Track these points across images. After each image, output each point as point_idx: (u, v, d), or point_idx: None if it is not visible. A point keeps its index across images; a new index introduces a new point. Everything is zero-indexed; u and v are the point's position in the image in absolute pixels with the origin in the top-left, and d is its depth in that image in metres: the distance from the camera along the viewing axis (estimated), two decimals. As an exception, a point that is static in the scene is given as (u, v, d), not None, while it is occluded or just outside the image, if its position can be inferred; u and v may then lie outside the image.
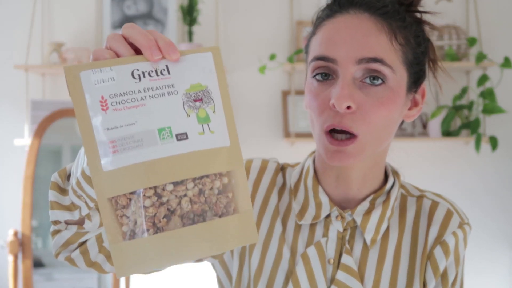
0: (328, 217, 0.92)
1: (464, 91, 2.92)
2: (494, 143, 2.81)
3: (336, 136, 0.84)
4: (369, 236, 0.90)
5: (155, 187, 0.57)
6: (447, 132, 2.95)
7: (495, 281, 3.03)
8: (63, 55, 2.88)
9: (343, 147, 0.83)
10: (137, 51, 0.62)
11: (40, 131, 2.75)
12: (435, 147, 3.06)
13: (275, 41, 3.04)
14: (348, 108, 0.82)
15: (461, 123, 2.98)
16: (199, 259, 0.93)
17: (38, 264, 2.81)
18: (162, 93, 0.60)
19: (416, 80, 0.89)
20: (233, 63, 3.04)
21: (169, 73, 0.60)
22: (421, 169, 2.99)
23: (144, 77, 0.59)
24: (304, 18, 3.03)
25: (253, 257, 0.93)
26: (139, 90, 0.59)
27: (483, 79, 2.84)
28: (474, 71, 3.01)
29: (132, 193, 0.57)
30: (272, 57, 2.88)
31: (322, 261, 0.90)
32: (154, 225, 0.57)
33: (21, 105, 2.97)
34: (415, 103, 0.91)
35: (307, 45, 0.91)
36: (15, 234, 2.64)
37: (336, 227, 0.91)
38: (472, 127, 2.85)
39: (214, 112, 0.61)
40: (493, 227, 3.04)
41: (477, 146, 2.80)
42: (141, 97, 0.59)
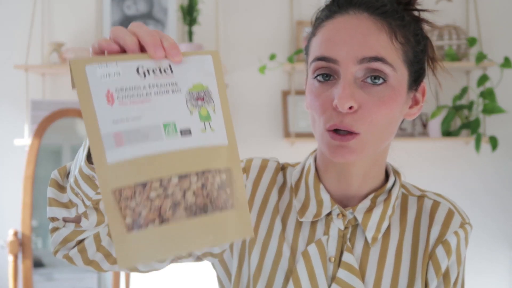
0: (329, 215, 0.92)
1: (464, 91, 2.92)
2: (494, 143, 2.80)
3: (338, 132, 0.84)
4: (370, 234, 0.90)
5: (160, 179, 0.59)
6: (447, 132, 2.95)
7: (495, 281, 3.03)
8: (63, 55, 2.88)
9: (344, 142, 0.83)
10: (141, 49, 0.62)
11: (40, 131, 2.75)
12: (435, 147, 3.06)
13: (275, 41, 3.04)
14: (350, 108, 0.82)
15: (461, 123, 2.98)
16: (198, 259, 0.94)
17: (38, 264, 2.81)
18: (166, 90, 0.61)
19: (416, 78, 0.89)
20: (233, 63, 3.04)
21: (172, 72, 0.62)
22: (421, 169, 2.99)
23: (148, 74, 0.61)
24: (304, 18, 3.03)
25: (253, 256, 0.93)
26: (144, 86, 0.60)
27: (483, 79, 2.84)
28: (474, 71, 3.01)
29: (137, 185, 0.58)
30: (272, 57, 2.88)
31: (323, 259, 0.90)
32: (160, 216, 0.58)
33: (21, 105, 2.97)
34: (415, 102, 0.91)
35: (307, 46, 0.92)
36: (15, 234, 2.64)
37: (337, 225, 0.91)
38: (472, 127, 2.85)
39: (214, 111, 0.63)
40: (493, 227, 3.04)
41: (477, 146, 2.80)
42: (146, 93, 0.60)
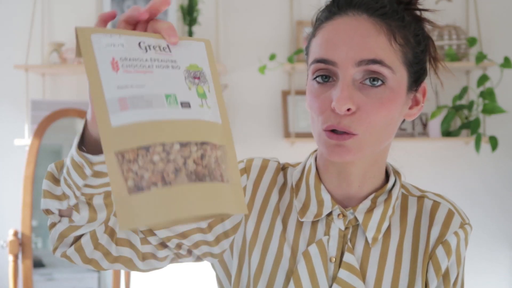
0: (329, 215, 0.92)
1: (464, 91, 2.92)
2: (494, 143, 2.80)
3: (336, 132, 0.85)
4: (370, 234, 0.91)
5: (163, 144, 0.60)
6: (447, 132, 2.95)
7: (495, 281, 3.03)
8: (63, 55, 2.88)
9: (341, 141, 0.83)
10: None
11: (40, 131, 2.75)
12: (435, 147, 3.06)
13: (275, 41, 3.04)
14: (348, 110, 0.82)
15: (461, 123, 2.98)
16: (198, 258, 0.93)
17: (38, 264, 2.81)
18: (166, 65, 0.64)
19: (416, 79, 0.89)
20: (233, 63, 3.04)
21: (171, 52, 0.65)
22: (421, 169, 2.99)
23: (149, 49, 0.63)
24: (304, 18, 3.03)
25: (253, 257, 0.93)
26: (146, 59, 0.63)
27: (483, 79, 2.84)
28: (474, 71, 3.01)
29: (140, 149, 0.59)
30: (272, 57, 2.88)
31: (323, 259, 0.90)
32: (163, 179, 0.59)
33: (21, 105, 2.97)
34: (416, 102, 0.91)
35: (307, 46, 0.92)
36: (15, 234, 2.63)
37: (337, 225, 0.91)
38: (472, 127, 2.84)
39: (209, 91, 0.66)
40: (493, 227, 3.04)
41: (477, 146, 2.79)
42: (149, 65, 0.63)
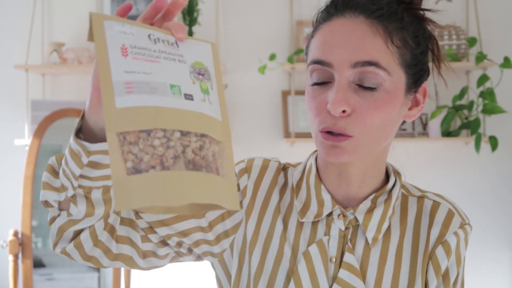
0: (330, 215, 0.92)
1: (464, 91, 2.92)
2: (494, 143, 2.80)
3: (331, 133, 0.85)
4: (370, 234, 0.91)
5: (164, 130, 0.62)
6: (447, 132, 2.95)
7: (495, 281, 3.03)
8: (63, 55, 2.88)
9: (337, 142, 0.84)
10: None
11: (40, 131, 2.75)
12: (435, 147, 3.06)
13: (275, 41, 3.04)
14: (343, 112, 0.83)
15: (461, 123, 2.98)
16: (198, 258, 0.93)
17: (38, 264, 2.81)
18: (173, 58, 0.66)
19: (416, 80, 0.89)
20: (233, 63, 3.04)
21: (178, 47, 0.67)
22: (421, 169, 2.99)
23: (158, 42, 0.66)
24: (304, 18, 3.03)
25: (254, 257, 0.93)
26: (154, 49, 0.65)
27: (483, 79, 2.84)
28: (474, 71, 3.01)
29: (142, 132, 0.61)
30: (272, 57, 2.88)
31: (324, 260, 0.90)
32: (161, 163, 0.61)
33: (21, 105, 2.97)
34: (416, 103, 0.91)
35: (306, 47, 0.92)
36: (15, 234, 2.63)
37: (338, 225, 0.91)
38: (472, 127, 2.84)
39: (212, 89, 0.68)
40: (494, 227, 3.04)
41: (477, 146, 2.79)
42: (157, 56, 0.65)
